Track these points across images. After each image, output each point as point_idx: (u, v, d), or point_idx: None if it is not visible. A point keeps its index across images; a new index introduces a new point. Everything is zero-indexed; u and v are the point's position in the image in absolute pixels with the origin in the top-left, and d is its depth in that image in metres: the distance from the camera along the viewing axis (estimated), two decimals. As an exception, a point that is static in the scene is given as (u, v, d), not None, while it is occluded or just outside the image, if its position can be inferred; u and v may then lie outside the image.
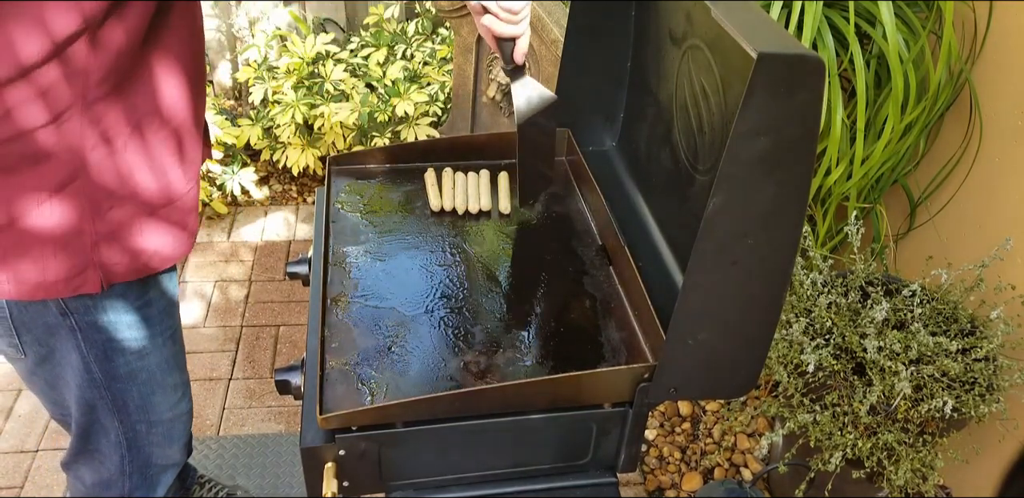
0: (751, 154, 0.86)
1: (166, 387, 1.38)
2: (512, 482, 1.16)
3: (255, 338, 2.54)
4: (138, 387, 1.33)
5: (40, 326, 1.20)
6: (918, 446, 1.62)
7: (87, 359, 1.25)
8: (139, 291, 1.24)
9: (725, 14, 0.91)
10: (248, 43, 3.10)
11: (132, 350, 1.28)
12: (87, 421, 1.35)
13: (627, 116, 1.47)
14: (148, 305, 1.27)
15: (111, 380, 1.29)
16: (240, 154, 3.08)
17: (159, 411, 1.39)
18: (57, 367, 1.27)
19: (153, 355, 1.32)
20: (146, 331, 1.28)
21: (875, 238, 2.13)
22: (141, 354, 1.30)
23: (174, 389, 1.40)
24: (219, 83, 3.47)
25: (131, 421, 1.37)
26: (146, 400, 1.36)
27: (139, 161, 1.11)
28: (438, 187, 1.44)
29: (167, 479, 1.53)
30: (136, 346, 1.28)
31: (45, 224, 1.07)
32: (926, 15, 1.91)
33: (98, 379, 1.28)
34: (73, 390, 1.30)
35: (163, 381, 1.36)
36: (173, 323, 1.35)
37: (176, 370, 1.40)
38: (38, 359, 1.26)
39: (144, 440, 1.41)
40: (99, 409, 1.33)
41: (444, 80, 2.99)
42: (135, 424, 1.37)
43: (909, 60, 1.81)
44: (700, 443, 2.22)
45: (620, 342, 1.15)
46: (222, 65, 3.42)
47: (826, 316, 1.70)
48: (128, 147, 1.09)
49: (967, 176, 1.95)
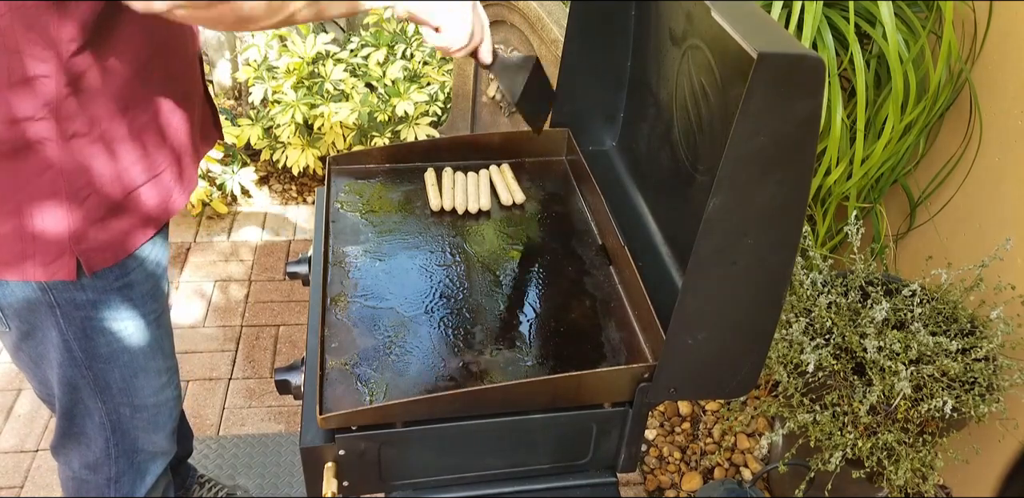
0: (751, 154, 0.86)
1: (149, 371, 1.37)
2: (512, 482, 1.16)
3: (255, 338, 2.54)
4: (120, 369, 1.33)
5: (21, 301, 1.21)
6: (918, 446, 1.62)
7: (67, 337, 1.25)
8: (119, 272, 1.23)
9: (725, 14, 0.91)
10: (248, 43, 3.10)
11: (113, 330, 1.28)
12: (70, 401, 1.36)
13: (627, 116, 1.47)
14: (129, 287, 1.26)
15: (92, 360, 1.29)
16: (240, 154, 3.08)
17: (143, 395, 1.39)
18: (40, 345, 1.28)
19: (135, 337, 1.31)
20: (128, 312, 1.28)
21: (875, 238, 2.13)
22: (122, 335, 1.29)
23: (158, 374, 1.39)
24: (219, 83, 3.47)
25: (115, 403, 1.37)
26: (128, 383, 1.35)
27: (116, 150, 1.12)
28: (438, 187, 1.44)
29: (156, 468, 1.52)
30: (117, 327, 1.28)
31: (22, 211, 1.09)
32: (926, 15, 1.91)
33: (79, 358, 1.29)
34: (55, 368, 1.31)
35: (146, 365, 1.36)
36: (158, 307, 1.35)
37: (160, 355, 1.39)
38: (21, 334, 1.27)
39: (128, 424, 1.41)
40: (82, 389, 1.33)
41: (444, 80, 2.99)
42: (119, 407, 1.37)
43: (909, 60, 1.81)
44: (700, 443, 2.22)
45: (620, 342, 1.15)
46: (222, 65, 3.42)
47: (826, 316, 1.70)
48: (105, 136, 1.10)
49: (967, 176, 1.95)
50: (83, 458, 1.46)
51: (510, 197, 1.43)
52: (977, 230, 1.94)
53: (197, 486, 1.93)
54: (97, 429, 1.40)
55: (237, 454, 2.16)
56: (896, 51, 1.78)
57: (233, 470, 2.12)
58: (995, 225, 1.88)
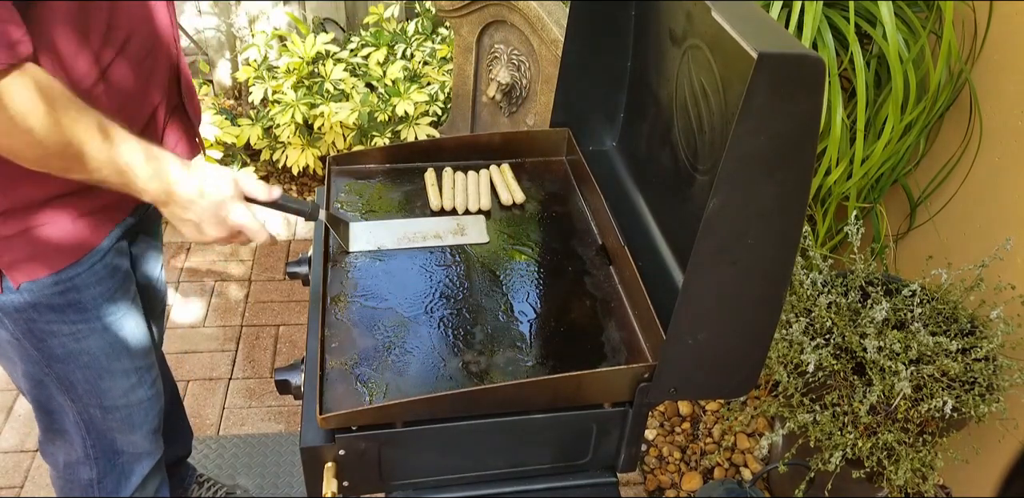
0: (751, 154, 0.86)
1: (115, 372, 1.33)
2: (512, 482, 1.16)
3: (255, 338, 2.54)
4: (82, 370, 1.30)
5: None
6: (918, 446, 1.62)
7: (17, 336, 1.23)
8: (58, 277, 1.18)
9: (725, 14, 0.91)
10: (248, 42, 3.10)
11: (64, 332, 1.24)
12: (42, 396, 1.34)
13: (627, 116, 1.47)
14: (75, 290, 1.21)
15: (50, 360, 1.27)
16: (240, 154, 3.08)
17: (112, 396, 1.35)
18: (1, 342, 1.26)
19: (92, 339, 1.27)
20: (77, 315, 1.24)
21: (875, 238, 2.13)
22: (76, 337, 1.26)
23: (126, 375, 1.35)
24: (219, 83, 3.47)
25: (83, 404, 1.34)
26: (93, 384, 1.32)
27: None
28: (438, 187, 1.44)
29: (141, 469, 1.50)
30: (67, 329, 1.24)
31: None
32: (926, 15, 1.91)
33: (34, 356, 1.26)
34: (18, 364, 1.29)
35: (109, 366, 1.32)
36: (116, 308, 1.29)
37: (127, 355, 1.34)
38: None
39: (102, 425, 1.38)
40: (48, 386, 1.31)
41: (444, 80, 2.99)
42: (88, 407, 1.35)
43: (909, 60, 1.81)
44: (700, 443, 2.22)
45: (620, 342, 1.15)
46: (222, 65, 3.42)
47: (826, 316, 1.70)
48: None
49: (967, 176, 1.95)
50: (67, 456, 1.45)
51: (510, 197, 1.43)
52: (977, 230, 1.94)
53: (196, 486, 1.93)
54: (74, 427, 1.39)
55: (237, 454, 2.16)
56: (896, 51, 1.78)
57: (233, 470, 2.12)
58: (995, 225, 1.88)
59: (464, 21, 2.47)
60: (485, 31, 2.44)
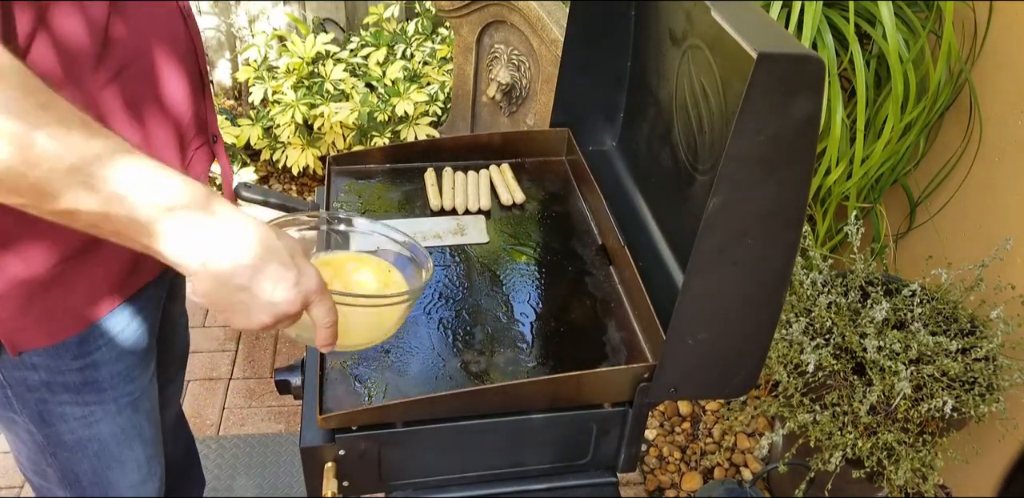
0: (751, 154, 0.86)
1: (125, 462, 1.18)
2: (512, 482, 1.16)
3: (255, 338, 2.54)
4: (90, 460, 1.15)
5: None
6: (918, 446, 1.62)
7: (23, 419, 1.09)
8: (78, 351, 1.03)
9: (725, 14, 0.91)
10: (248, 42, 3.10)
11: (76, 416, 1.09)
12: (42, 488, 1.22)
13: (627, 116, 1.47)
14: (94, 366, 1.06)
15: (56, 447, 1.12)
16: (240, 154, 3.08)
17: (118, 489, 1.20)
18: (4, 422, 1.13)
19: (104, 423, 1.12)
20: (93, 396, 1.09)
21: (875, 238, 2.13)
22: (88, 422, 1.11)
23: (137, 466, 1.20)
24: (219, 83, 3.47)
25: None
26: (100, 476, 1.17)
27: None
28: (438, 187, 1.44)
29: None
30: (80, 412, 1.09)
31: None
32: (926, 15, 1.91)
33: (41, 443, 1.12)
34: (23, 449, 1.16)
35: (119, 455, 1.17)
36: (135, 388, 1.14)
37: (138, 443, 1.19)
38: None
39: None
40: (50, 477, 1.18)
41: (444, 80, 2.99)
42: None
43: (909, 60, 1.81)
44: (700, 443, 2.22)
45: (620, 342, 1.15)
46: (222, 65, 3.42)
47: (826, 316, 1.70)
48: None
49: (967, 176, 1.95)
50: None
51: (510, 197, 1.43)
52: (977, 230, 1.94)
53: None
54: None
55: (237, 454, 2.16)
56: (896, 51, 1.78)
57: (233, 470, 2.12)
58: (995, 225, 1.88)
59: (464, 21, 2.47)
60: (485, 31, 2.45)
